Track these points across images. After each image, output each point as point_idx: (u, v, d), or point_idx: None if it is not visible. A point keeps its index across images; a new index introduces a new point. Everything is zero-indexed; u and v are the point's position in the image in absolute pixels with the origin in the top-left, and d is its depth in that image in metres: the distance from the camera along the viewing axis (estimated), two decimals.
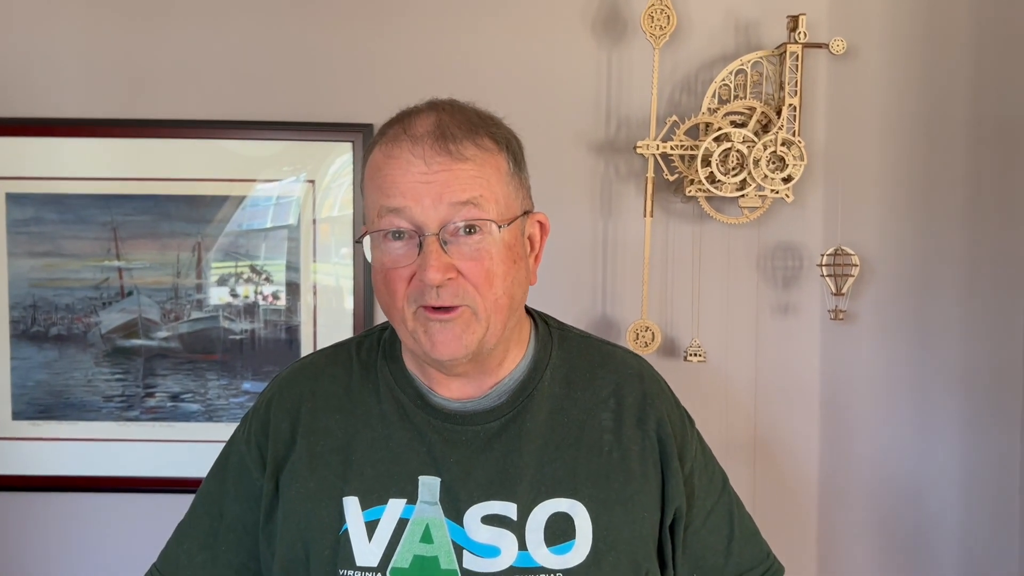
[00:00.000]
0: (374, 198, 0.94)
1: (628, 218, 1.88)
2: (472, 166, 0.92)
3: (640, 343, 1.76)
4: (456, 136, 0.92)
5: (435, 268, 0.90)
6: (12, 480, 1.90)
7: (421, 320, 0.94)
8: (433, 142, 0.92)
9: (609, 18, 1.86)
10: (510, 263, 0.95)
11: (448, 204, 0.91)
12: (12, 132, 1.85)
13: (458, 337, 0.93)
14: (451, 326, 0.93)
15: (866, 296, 1.80)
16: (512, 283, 0.96)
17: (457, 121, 0.94)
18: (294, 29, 1.87)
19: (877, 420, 1.79)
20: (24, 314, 1.88)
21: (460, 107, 0.98)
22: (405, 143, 0.92)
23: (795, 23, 1.73)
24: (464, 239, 0.92)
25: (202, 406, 1.90)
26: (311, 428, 1.02)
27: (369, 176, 0.96)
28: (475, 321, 0.94)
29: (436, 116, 0.94)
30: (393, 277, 0.94)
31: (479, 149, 0.94)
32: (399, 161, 0.92)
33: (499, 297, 0.94)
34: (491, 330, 0.95)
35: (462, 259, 0.92)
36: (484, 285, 0.93)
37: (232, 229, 1.88)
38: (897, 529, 1.76)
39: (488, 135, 0.95)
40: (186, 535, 1.09)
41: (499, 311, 0.95)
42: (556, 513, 0.97)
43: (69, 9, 1.86)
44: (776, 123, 1.72)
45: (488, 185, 0.93)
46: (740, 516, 1.10)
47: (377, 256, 0.95)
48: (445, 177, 0.91)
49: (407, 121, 0.95)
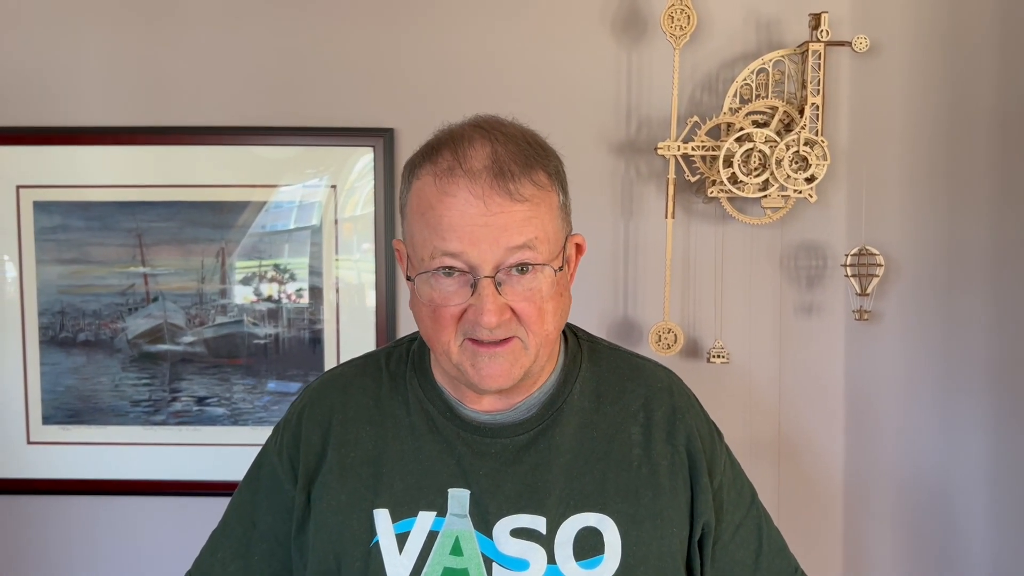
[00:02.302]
0: (426, 236, 0.92)
1: (649, 219, 1.87)
2: (528, 208, 0.91)
3: (662, 345, 1.76)
4: (514, 174, 0.91)
5: (491, 312, 0.90)
6: (42, 484, 1.93)
7: (468, 353, 0.94)
8: (492, 180, 0.90)
9: (629, 18, 1.86)
10: (558, 297, 0.95)
11: (504, 248, 0.90)
12: (38, 141, 1.87)
13: (507, 371, 0.94)
14: (500, 360, 0.93)
15: (891, 296, 1.78)
16: (560, 317, 0.97)
17: (512, 154, 0.92)
18: (315, 34, 1.87)
19: (903, 420, 1.78)
20: (53, 320, 1.91)
21: (510, 132, 0.95)
22: (462, 180, 0.90)
23: (817, 21, 1.71)
24: (517, 278, 0.92)
25: (227, 410, 1.92)
26: (342, 440, 1.03)
27: (419, 209, 0.93)
28: (524, 354, 0.95)
29: (491, 147, 0.92)
30: (443, 314, 0.93)
31: (536, 188, 0.92)
32: (456, 201, 0.90)
33: (549, 332, 0.95)
34: (537, 361, 0.96)
35: (516, 299, 0.92)
36: (536, 323, 0.94)
37: (255, 231, 1.89)
38: (924, 530, 1.75)
39: (543, 169, 0.94)
40: (220, 544, 1.10)
41: (547, 344, 0.96)
42: (585, 527, 0.97)
43: (92, 19, 1.87)
44: (799, 122, 1.71)
45: (542, 226, 0.92)
46: (768, 531, 1.10)
47: (426, 291, 0.94)
48: (503, 221, 0.90)
49: (460, 152, 0.92)
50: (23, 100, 1.88)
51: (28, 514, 1.94)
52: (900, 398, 1.79)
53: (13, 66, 1.88)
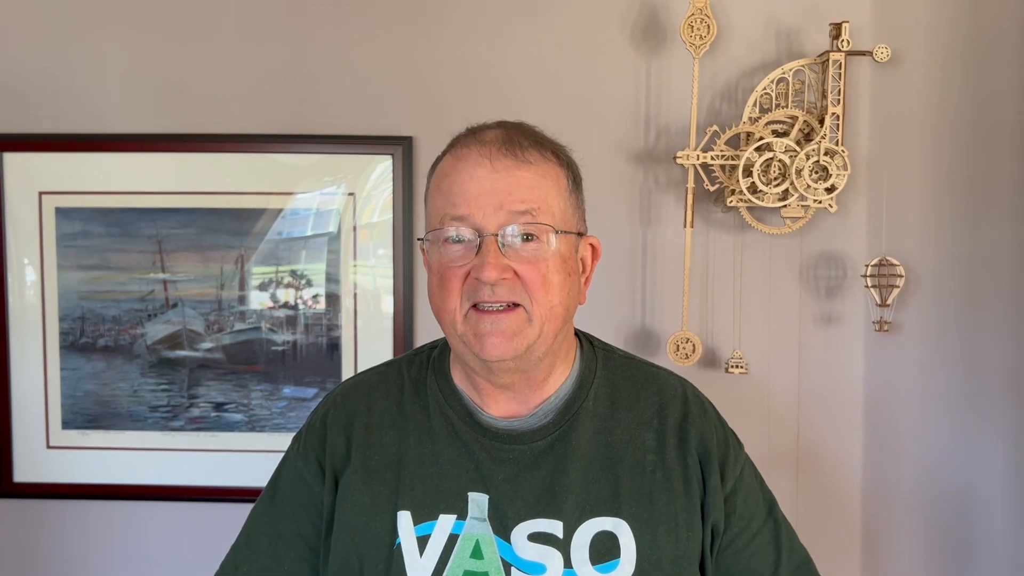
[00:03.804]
0: (439, 205, 0.98)
1: (668, 228, 1.87)
2: (534, 173, 0.97)
3: (681, 355, 1.75)
4: (522, 143, 0.98)
5: (492, 266, 0.93)
6: (61, 488, 1.95)
7: (472, 322, 0.96)
8: (500, 145, 0.97)
9: (648, 27, 1.86)
10: (565, 275, 0.98)
11: (508, 212, 0.94)
12: (61, 147, 1.90)
13: (509, 339, 0.95)
14: (503, 325, 0.95)
15: (911, 306, 1.77)
16: (567, 295, 0.98)
17: (524, 132, 1.00)
18: (335, 43, 1.89)
19: (923, 431, 1.76)
20: (73, 326, 1.92)
21: (529, 126, 1.03)
22: (474, 146, 0.97)
23: (838, 31, 1.71)
24: (523, 245, 0.95)
25: (245, 416, 1.92)
26: (365, 443, 1.04)
27: (436, 183, 1.01)
28: (528, 325, 0.96)
29: (505, 129, 1.00)
30: (449, 276, 0.96)
31: (542, 157, 0.98)
32: (466, 163, 0.97)
33: (554, 305, 0.96)
34: (543, 337, 0.97)
35: (519, 262, 0.95)
36: (540, 290, 0.95)
37: (272, 237, 1.90)
38: (943, 542, 1.73)
39: (552, 150, 1.01)
40: (244, 559, 1.09)
41: (553, 319, 0.97)
42: (601, 532, 0.98)
43: (115, 28, 1.90)
44: (819, 132, 1.71)
45: (546, 198, 0.97)
46: (790, 544, 1.09)
47: (435, 258, 0.98)
48: (508, 184, 0.95)
49: (478, 131, 1.00)
50: (46, 107, 1.90)
51: (47, 518, 1.96)
52: (920, 409, 1.77)
53: (37, 74, 1.90)
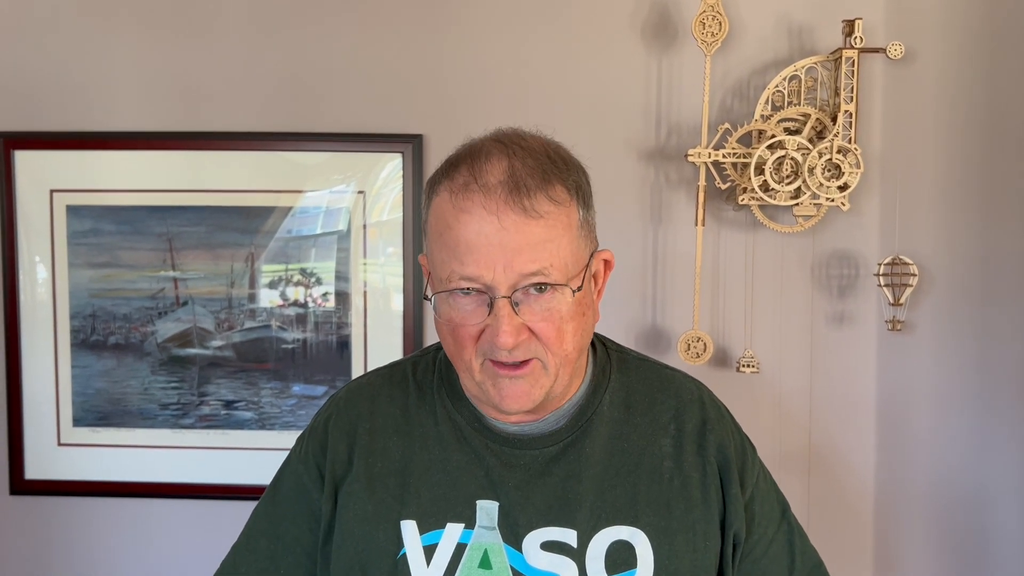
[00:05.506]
0: (444, 257, 0.91)
1: (679, 226, 1.86)
2: (544, 227, 0.89)
3: (692, 354, 1.74)
4: (530, 188, 0.89)
5: (507, 332, 0.89)
6: (71, 485, 1.95)
7: (489, 373, 0.93)
8: (507, 195, 0.88)
9: (659, 25, 1.84)
10: (579, 316, 0.93)
11: (519, 273, 0.88)
12: (72, 146, 1.90)
13: (527, 392, 0.93)
14: (521, 382, 0.92)
15: (924, 305, 1.76)
16: (581, 336, 0.95)
17: (529, 168, 0.90)
18: (345, 41, 1.88)
19: (936, 432, 1.75)
20: (84, 323, 1.92)
21: (529, 145, 0.93)
22: (477, 196, 0.89)
23: (851, 27, 1.69)
24: (535, 297, 0.90)
25: (255, 414, 1.92)
26: (369, 449, 1.02)
27: (437, 229, 0.92)
28: (544, 375, 0.93)
29: (508, 162, 0.90)
30: (462, 334, 0.92)
31: (552, 204, 0.90)
32: (471, 218, 0.88)
33: (569, 352, 0.93)
34: (558, 381, 0.95)
35: (533, 319, 0.90)
36: (555, 343, 0.92)
37: (282, 235, 1.90)
38: (956, 544, 1.72)
39: (560, 183, 0.92)
40: (243, 559, 1.08)
41: (567, 364, 0.94)
42: (617, 541, 0.96)
43: (125, 27, 1.89)
44: (831, 130, 1.69)
45: (557, 251, 0.90)
46: (803, 547, 1.08)
47: (444, 310, 0.93)
48: (518, 241, 0.88)
49: (477, 167, 0.90)
50: (57, 106, 1.90)
51: (57, 515, 1.96)
52: (933, 409, 1.76)
53: (48, 73, 1.90)
